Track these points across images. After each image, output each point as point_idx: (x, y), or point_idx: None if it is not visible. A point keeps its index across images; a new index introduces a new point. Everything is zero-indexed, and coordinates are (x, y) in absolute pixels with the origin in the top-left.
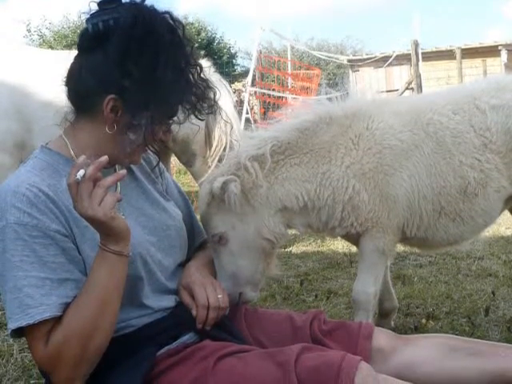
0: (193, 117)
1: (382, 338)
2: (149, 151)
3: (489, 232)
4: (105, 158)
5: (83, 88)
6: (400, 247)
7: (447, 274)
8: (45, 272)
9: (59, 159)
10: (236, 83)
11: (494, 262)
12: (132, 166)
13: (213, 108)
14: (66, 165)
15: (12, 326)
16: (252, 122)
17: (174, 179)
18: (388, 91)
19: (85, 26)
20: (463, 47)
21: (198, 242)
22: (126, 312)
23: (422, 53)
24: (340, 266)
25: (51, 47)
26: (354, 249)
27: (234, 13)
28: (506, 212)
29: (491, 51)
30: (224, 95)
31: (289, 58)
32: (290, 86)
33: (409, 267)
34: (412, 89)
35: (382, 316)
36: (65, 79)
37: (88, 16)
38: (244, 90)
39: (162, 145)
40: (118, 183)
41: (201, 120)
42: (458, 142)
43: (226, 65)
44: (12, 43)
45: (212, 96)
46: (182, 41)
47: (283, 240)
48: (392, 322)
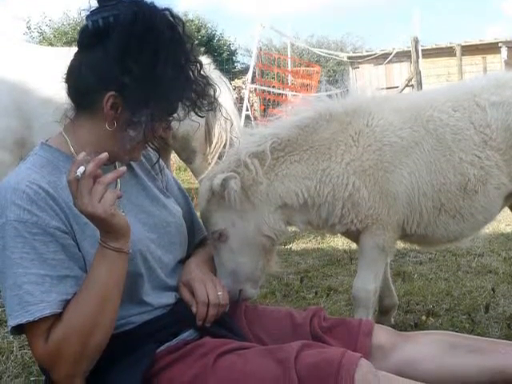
0: (193, 114)
1: (382, 334)
2: (149, 148)
3: (489, 229)
4: (105, 155)
5: (83, 85)
6: (400, 244)
7: (447, 271)
8: (45, 269)
9: (59, 156)
10: (236, 80)
11: (494, 259)
12: (132, 162)
13: (213, 105)
14: (66, 162)
15: (12, 323)
16: (252, 118)
17: (174, 176)
18: (388, 88)
19: (85, 22)
20: (463, 44)
21: (198, 238)
22: (126, 309)
23: (422, 50)
24: (340, 263)
25: (51, 44)
26: (354, 246)
27: (233, 10)
28: (506, 209)
29: (491, 48)
30: (224, 92)
31: (289, 55)
32: (290, 83)
33: (409, 264)
34: (412, 86)
35: (382, 313)
36: (65, 76)
37: (88, 13)
38: (244, 87)
39: (162, 142)
40: (118, 180)
41: (201, 117)
42: (458, 138)
43: (226, 62)
44: (12, 40)
45: (212, 93)
46: (182, 38)
47: (283, 237)
48: (392, 319)
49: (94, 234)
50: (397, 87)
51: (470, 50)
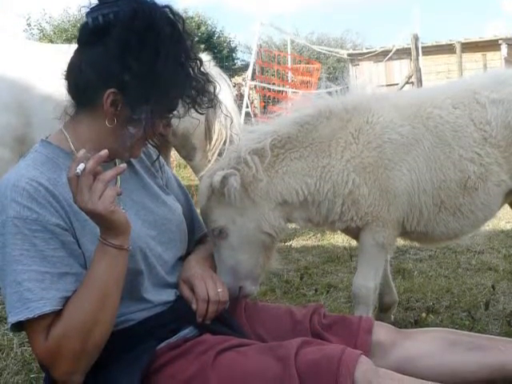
0: (193, 111)
1: (381, 332)
2: (149, 145)
3: (489, 226)
4: (105, 152)
5: (83, 82)
6: (400, 241)
7: (447, 268)
8: (45, 266)
9: (59, 153)
10: (236, 77)
11: (494, 256)
12: (132, 159)
13: (213, 102)
14: (66, 159)
15: (12, 320)
16: (252, 115)
17: (174, 173)
18: (388, 85)
19: (85, 19)
20: (463, 41)
21: (198, 235)
22: (126, 306)
23: (422, 47)
24: (340, 260)
25: (51, 41)
26: (354, 243)
27: (233, 7)
28: (506, 206)
29: (491, 45)
30: (224, 89)
31: (289, 52)
32: (290, 80)
33: (409, 261)
34: (412, 83)
35: (382, 310)
36: (65, 73)
37: (88, 10)
38: (244, 83)
39: (162, 139)
40: (118, 177)
41: (201, 114)
42: (457, 136)
43: (226, 59)
44: (12, 37)
45: (212, 90)
46: (182, 35)
47: (283, 234)
48: (392, 316)
49: (94, 231)
50: (397, 84)
51: (469, 47)
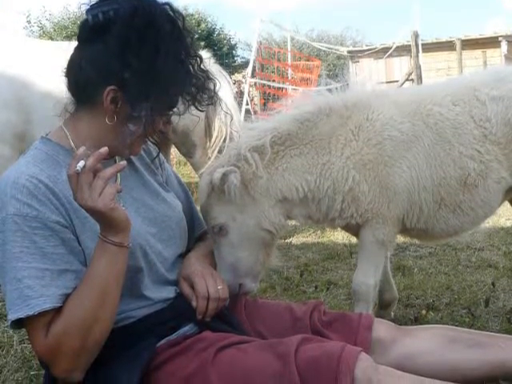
0: (193, 108)
1: (381, 329)
2: (149, 142)
3: (489, 223)
4: (105, 149)
5: (83, 79)
6: (400, 238)
7: (447, 265)
8: (45, 263)
9: (59, 150)
10: (236, 74)
11: (494, 253)
12: (132, 157)
13: (213, 99)
14: (66, 156)
15: (12, 317)
16: (252, 112)
17: (174, 170)
18: (388, 82)
19: (85, 17)
20: (463, 38)
21: (198, 232)
22: (126, 303)
23: (422, 44)
24: (340, 257)
25: (51, 38)
26: (354, 240)
27: (233, 4)
28: (506, 203)
29: (491, 42)
30: (224, 86)
31: (289, 49)
32: (290, 77)
33: (409, 258)
34: (412, 80)
35: (382, 307)
36: (65, 70)
37: (88, 7)
38: (244, 81)
39: (162, 136)
40: (118, 174)
41: (201, 111)
42: (458, 133)
43: (226, 56)
44: (12, 35)
45: (212, 87)
46: (182, 32)
47: (283, 231)
48: (392, 313)
49: (94, 228)
50: (397, 81)
51: (470, 44)
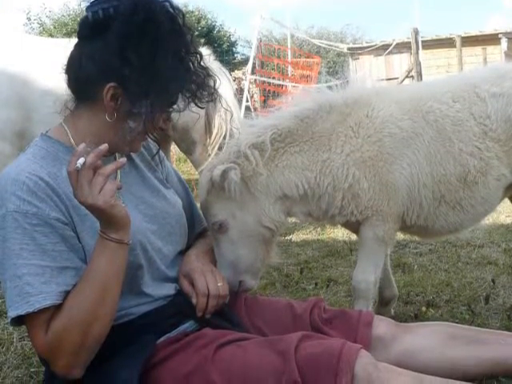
0: (193, 105)
1: (381, 326)
2: (149, 139)
3: (489, 220)
4: (105, 146)
5: (83, 76)
6: (400, 235)
7: (447, 262)
8: (45, 260)
9: (59, 147)
10: (236, 71)
11: (494, 250)
12: (132, 154)
13: (213, 96)
14: (66, 153)
15: (12, 314)
16: (252, 110)
17: (174, 167)
18: (388, 79)
19: (85, 13)
20: (463, 35)
21: (198, 229)
22: (126, 300)
23: (422, 41)
24: (340, 254)
25: (51, 35)
26: (354, 237)
27: (233, 1)
28: (506, 200)
29: (491, 39)
30: (224, 83)
31: (289, 46)
32: (290, 74)
33: (409, 255)
34: (412, 77)
35: (382, 304)
36: (65, 67)
37: (88, 4)
38: (244, 78)
39: (162, 133)
40: (118, 171)
41: (201, 108)
42: (457, 130)
43: (226, 53)
44: (12, 31)
45: (212, 84)
46: (182, 29)
47: (283, 228)
48: (392, 310)
49: (94, 225)
50: (397, 78)
51: (470, 41)
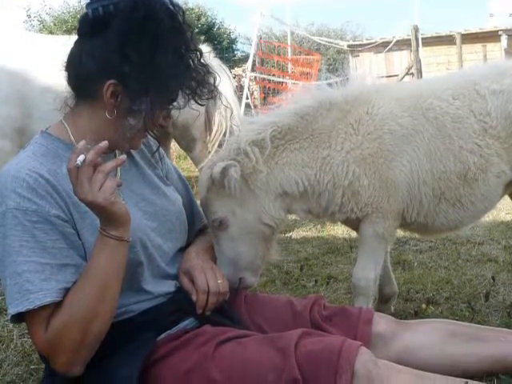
0: (193, 102)
1: (381, 323)
2: (149, 136)
3: (489, 217)
4: (104, 143)
5: (83, 73)
6: (400, 232)
7: (447, 260)
8: (45, 257)
9: (59, 144)
10: (236, 68)
11: (494, 247)
12: (132, 151)
13: (213, 93)
14: (66, 150)
15: (12, 311)
16: (252, 107)
17: (174, 164)
18: (388, 76)
19: (85, 11)
20: (463, 32)
21: (198, 227)
22: (126, 297)
23: (422, 38)
24: (340, 252)
25: (51, 32)
26: (354, 234)
27: None
28: (506, 197)
29: (491, 36)
30: (224, 80)
31: (289, 44)
32: (289, 72)
33: (409, 252)
34: (412, 74)
35: (382, 301)
36: (65, 64)
37: (88, 1)
38: (244, 75)
39: (162, 130)
40: (118, 168)
41: (201, 105)
42: (457, 127)
43: (226, 50)
44: (12, 29)
45: (212, 81)
46: (182, 26)
47: (283, 225)
48: (392, 308)
49: (94, 222)
50: (397, 75)
51: (470, 38)
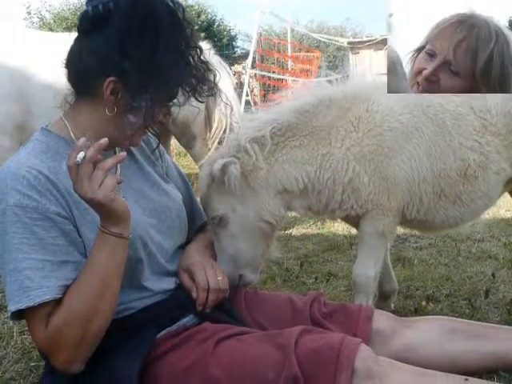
0: (193, 99)
1: (381, 320)
2: (149, 133)
3: (489, 214)
4: (104, 141)
5: (83, 70)
6: (400, 229)
7: (447, 257)
8: (45, 254)
9: (59, 141)
10: (236, 65)
11: (494, 245)
12: (132, 148)
13: (213, 90)
14: (66, 147)
15: (12, 308)
16: (252, 104)
17: (174, 161)
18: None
19: (85, 8)
20: None
21: (198, 224)
22: (126, 294)
23: None
24: (340, 249)
25: (51, 29)
26: (354, 231)
27: None
28: (506, 194)
29: None
30: (224, 77)
31: (289, 41)
32: (290, 69)
33: (409, 249)
34: None
35: (382, 298)
36: (65, 61)
37: None
38: (244, 72)
39: (162, 127)
40: (118, 165)
41: (201, 102)
42: (457, 124)
43: (226, 47)
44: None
45: (212, 78)
46: (182, 23)
47: (283, 222)
48: (392, 305)
49: (94, 219)
50: None
51: None
